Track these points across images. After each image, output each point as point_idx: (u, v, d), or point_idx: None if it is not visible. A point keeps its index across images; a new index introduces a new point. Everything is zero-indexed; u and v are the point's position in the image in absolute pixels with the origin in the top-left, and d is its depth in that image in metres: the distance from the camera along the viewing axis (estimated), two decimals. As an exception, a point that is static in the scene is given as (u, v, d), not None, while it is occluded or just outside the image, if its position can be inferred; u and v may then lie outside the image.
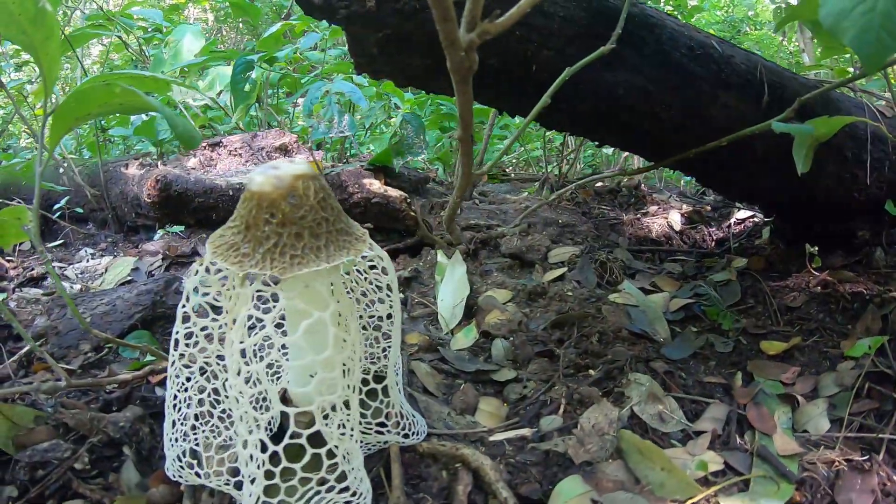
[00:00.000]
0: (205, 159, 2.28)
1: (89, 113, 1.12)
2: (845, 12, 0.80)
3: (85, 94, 1.08)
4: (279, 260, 0.82)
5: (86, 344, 1.66)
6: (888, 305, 1.26)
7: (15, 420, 1.19)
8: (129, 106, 1.13)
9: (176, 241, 2.20)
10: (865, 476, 0.93)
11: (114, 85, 1.06)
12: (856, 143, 1.37)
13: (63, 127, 1.14)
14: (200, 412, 1.04)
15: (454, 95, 1.63)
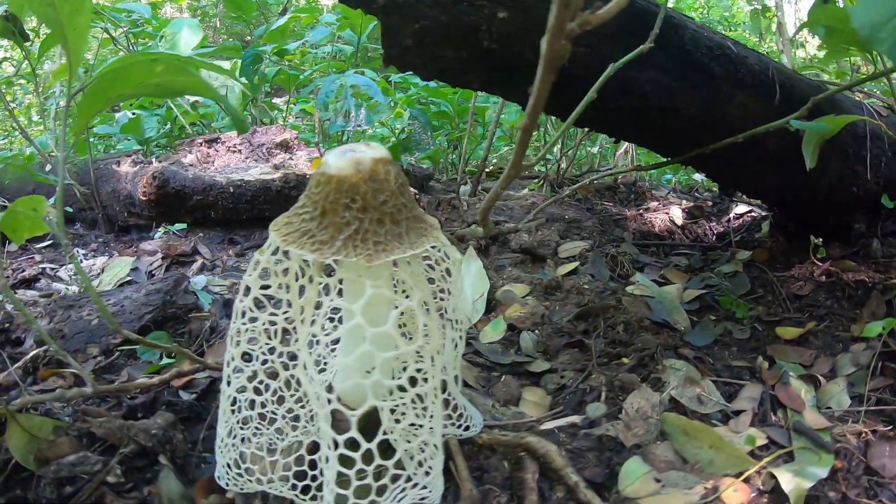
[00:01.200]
0: (202, 156, 2.29)
1: (122, 93, 1.09)
2: (880, 24, 0.93)
3: (122, 71, 1.03)
4: (362, 247, 0.81)
5: (94, 347, 1.66)
6: (890, 291, 1.43)
7: (33, 432, 1.14)
8: (167, 87, 1.10)
9: (174, 239, 2.21)
10: (893, 443, 1.07)
11: (156, 61, 1.02)
12: (856, 140, 1.54)
13: (93, 108, 1.10)
14: (261, 414, 1.01)
15: (479, 89, 1.71)
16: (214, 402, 1.39)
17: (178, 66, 1.03)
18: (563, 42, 0.89)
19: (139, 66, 1.02)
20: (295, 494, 0.97)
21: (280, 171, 2.24)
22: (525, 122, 1.14)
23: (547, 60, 0.93)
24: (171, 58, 1.04)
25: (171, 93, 1.15)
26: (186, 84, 1.10)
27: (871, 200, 1.60)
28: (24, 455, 1.08)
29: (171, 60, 1.02)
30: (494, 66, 1.49)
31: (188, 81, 1.09)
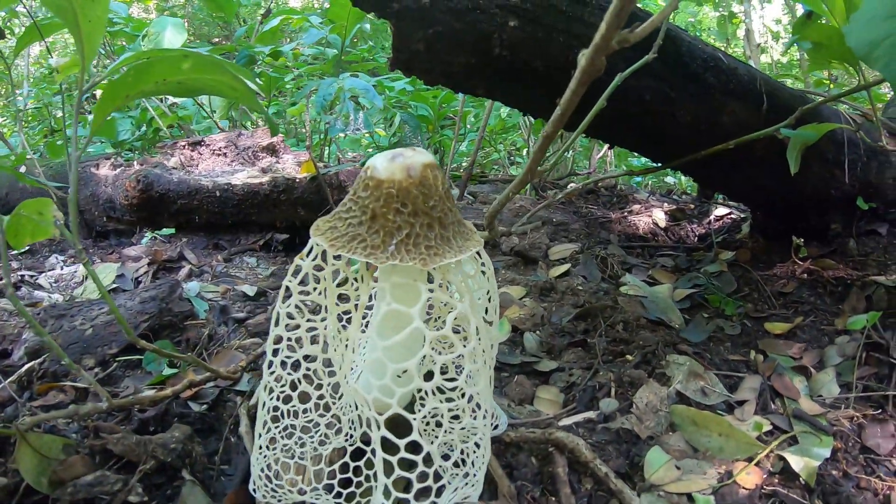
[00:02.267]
0: (185, 159, 2.28)
1: (143, 90, 1.08)
2: (875, 43, 1.06)
3: (146, 67, 1.02)
4: (415, 251, 0.85)
5: (89, 358, 1.64)
6: (869, 287, 1.58)
7: (43, 452, 1.12)
8: (190, 85, 1.09)
9: (159, 245, 2.20)
10: (883, 425, 1.20)
11: (186, 58, 1.01)
12: (835, 146, 1.70)
13: (111, 105, 1.08)
14: (304, 423, 1.05)
15: (483, 95, 1.79)
16: (225, 412, 1.42)
17: (208, 63, 1.03)
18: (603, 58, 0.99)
19: (166, 62, 1.01)
20: (338, 503, 0.99)
21: (268, 174, 2.26)
22: (548, 130, 1.23)
23: (584, 73, 1.02)
24: (202, 56, 1.03)
25: (193, 91, 1.12)
26: (214, 83, 1.09)
27: (847, 202, 1.76)
28: (35, 477, 1.06)
29: (201, 57, 1.02)
30: (501, 73, 1.57)
31: (216, 80, 1.08)
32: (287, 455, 1.02)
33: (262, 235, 2.39)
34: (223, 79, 1.08)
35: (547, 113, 1.82)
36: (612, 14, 0.83)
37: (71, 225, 1.13)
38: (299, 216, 2.34)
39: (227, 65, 1.04)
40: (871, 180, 1.75)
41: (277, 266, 2.28)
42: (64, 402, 1.44)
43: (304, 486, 1.00)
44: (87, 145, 1.18)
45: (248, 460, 1.23)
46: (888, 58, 1.03)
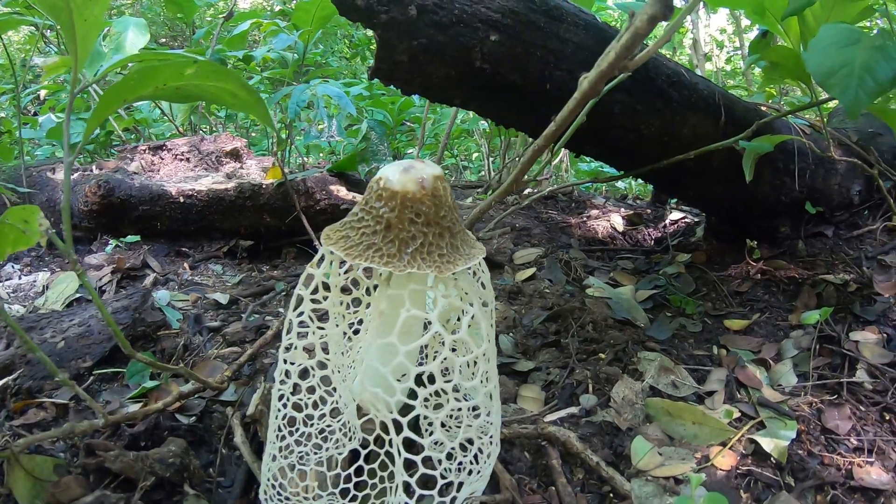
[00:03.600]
0: (146, 164, 2.24)
1: (141, 95, 1.07)
2: (832, 72, 1.20)
3: (150, 71, 1.02)
4: (429, 259, 0.90)
5: (63, 373, 1.61)
6: (819, 286, 1.75)
7: (35, 473, 1.10)
8: (189, 91, 1.08)
9: (121, 253, 2.16)
10: (840, 408, 1.35)
11: (190, 64, 1.01)
12: (785, 155, 1.87)
13: (109, 108, 1.08)
14: (322, 427, 1.07)
15: (459, 105, 1.86)
16: (213, 423, 1.43)
17: (212, 70, 1.04)
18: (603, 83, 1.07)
19: (171, 68, 1.01)
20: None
21: (233, 180, 2.26)
22: (540, 143, 1.32)
23: (584, 95, 1.11)
24: (208, 63, 1.04)
25: (191, 98, 1.11)
26: (215, 91, 1.09)
27: (796, 207, 1.94)
28: (30, 501, 1.05)
29: (207, 64, 1.03)
30: (479, 85, 1.65)
31: (218, 88, 1.08)
32: (303, 462, 1.05)
33: (225, 242, 2.38)
34: (227, 86, 1.10)
35: (518, 123, 1.93)
36: (623, 47, 0.92)
37: (64, 233, 1.12)
38: (265, 223, 2.34)
39: (233, 74, 1.07)
40: (818, 186, 1.94)
41: (245, 274, 2.28)
42: (46, 419, 1.41)
43: (319, 491, 1.04)
44: (79, 149, 1.17)
45: (246, 471, 1.25)
46: (843, 85, 1.18)
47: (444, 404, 0.94)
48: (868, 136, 1.97)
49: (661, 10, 0.84)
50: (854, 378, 1.42)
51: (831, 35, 1.28)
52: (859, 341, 1.52)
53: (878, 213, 1.97)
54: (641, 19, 0.87)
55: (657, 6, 0.83)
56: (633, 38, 0.90)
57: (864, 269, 1.74)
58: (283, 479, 1.05)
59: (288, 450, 1.06)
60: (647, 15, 0.86)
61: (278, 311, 2.04)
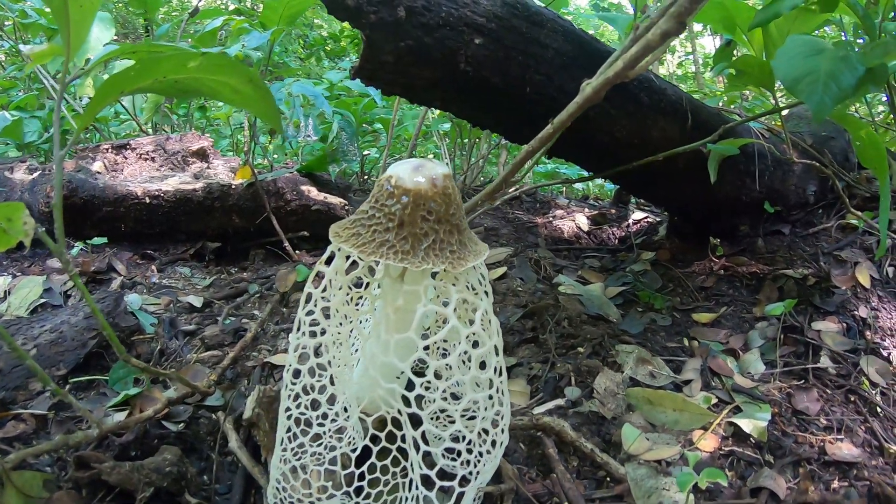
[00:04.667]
0: (109, 163, 2.18)
1: (140, 87, 1.05)
2: (800, 79, 1.32)
3: (154, 62, 1.00)
4: (441, 255, 0.94)
5: (36, 382, 1.56)
6: (780, 280, 1.89)
7: (25, 490, 1.08)
8: (185, 85, 1.06)
9: (85, 256, 2.09)
10: (808, 392, 1.47)
11: (195, 56, 0.99)
12: (746, 158, 2.00)
13: (105, 100, 1.05)
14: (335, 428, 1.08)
15: (439, 107, 1.91)
16: (201, 429, 1.41)
17: (217, 64, 1.01)
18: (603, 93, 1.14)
19: (175, 59, 0.99)
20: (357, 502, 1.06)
21: (201, 180, 2.23)
22: (534, 145, 1.38)
23: (586, 100, 1.18)
24: (216, 56, 1.02)
25: (187, 93, 1.10)
26: (215, 85, 1.07)
27: (755, 206, 2.08)
28: None
29: (214, 58, 1.01)
30: (461, 88, 1.70)
31: (219, 82, 1.06)
32: (318, 462, 1.06)
33: (192, 244, 2.35)
34: (230, 81, 1.07)
35: (495, 125, 1.99)
36: (632, 58, 0.99)
37: (57, 233, 1.09)
38: (233, 224, 2.32)
39: (241, 68, 1.06)
40: (777, 187, 2.08)
41: (214, 276, 2.25)
42: (26, 432, 1.37)
43: (333, 490, 1.05)
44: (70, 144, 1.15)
45: (244, 476, 1.25)
46: (810, 91, 1.29)
47: (462, 395, 0.98)
48: (821, 139, 2.14)
49: (675, 27, 0.91)
50: (819, 364, 1.55)
51: (796, 46, 1.40)
52: (821, 330, 1.65)
53: (832, 212, 2.14)
54: (655, 34, 0.95)
55: (671, 23, 0.91)
56: (643, 50, 0.98)
57: (821, 264, 1.89)
58: (295, 481, 1.06)
59: (301, 449, 1.08)
60: (661, 30, 0.93)
61: (253, 314, 2.03)
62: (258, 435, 1.30)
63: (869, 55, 1.27)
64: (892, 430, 1.33)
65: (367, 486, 1.07)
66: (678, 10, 0.89)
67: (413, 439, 0.96)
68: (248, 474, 1.25)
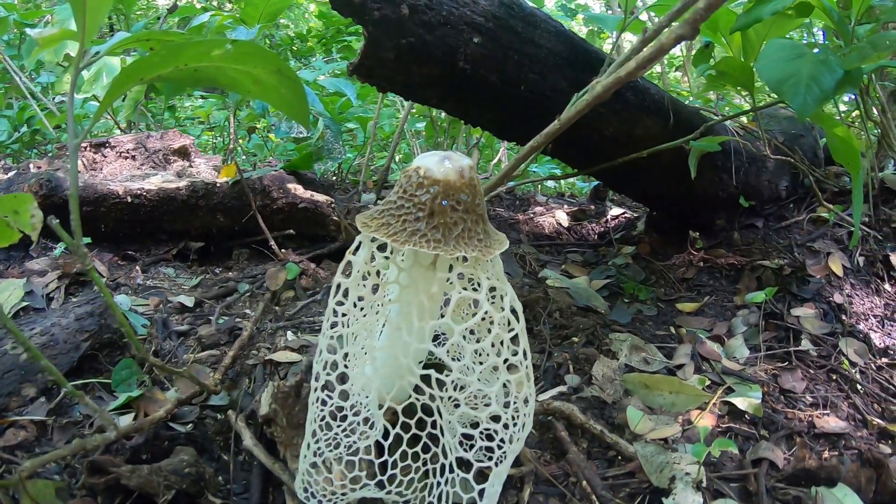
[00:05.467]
0: (88, 162, 2.15)
1: (159, 74, 1.03)
2: (783, 81, 1.44)
3: (180, 48, 0.98)
4: (470, 244, 0.99)
5: (30, 387, 1.53)
6: (757, 270, 2.02)
7: (39, 500, 1.07)
8: (205, 74, 1.04)
9: (66, 258, 2.06)
10: (793, 372, 1.59)
11: (219, 43, 0.98)
12: (724, 155, 2.13)
13: (123, 87, 1.03)
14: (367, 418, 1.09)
15: (434, 105, 1.97)
16: (209, 429, 1.42)
17: (243, 53, 0.99)
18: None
19: (199, 46, 0.98)
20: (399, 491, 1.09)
21: (184, 179, 2.23)
22: (539, 141, 1.46)
23: (595, 97, 1.26)
24: (246, 44, 1.00)
25: (205, 82, 1.08)
26: (236, 76, 1.06)
27: (731, 201, 2.22)
28: None
29: (243, 46, 0.99)
30: (458, 85, 1.76)
31: (241, 73, 1.05)
32: (351, 452, 1.08)
33: (174, 244, 2.34)
34: (254, 70, 1.05)
35: (489, 123, 2.06)
36: (645, 59, 1.08)
37: (73, 224, 1.04)
38: (218, 223, 2.32)
39: (271, 56, 1.04)
40: (751, 182, 2.22)
41: (200, 276, 2.25)
42: (28, 440, 1.34)
43: (367, 480, 1.08)
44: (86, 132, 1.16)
45: (261, 474, 1.25)
46: (793, 92, 1.41)
47: (497, 379, 1.05)
48: (792, 137, 2.29)
49: (689, 32, 1.00)
50: (800, 347, 1.68)
51: (777, 50, 1.52)
52: (800, 316, 1.78)
53: (803, 206, 2.29)
54: (669, 37, 1.03)
55: (686, 29, 1.00)
56: (657, 52, 1.07)
57: (796, 255, 2.03)
58: (329, 473, 1.08)
59: (334, 441, 1.10)
60: (676, 35, 1.02)
61: (245, 313, 2.04)
62: (275, 431, 1.31)
63: (847, 59, 1.40)
64: (872, 406, 1.47)
65: (400, 474, 1.10)
66: (694, 16, 0.98)
67: (453, 423, 1.02)
68: (265, 472, 1.26)
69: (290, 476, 1.21)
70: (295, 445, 1.28)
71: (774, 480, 1.22)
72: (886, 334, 1.71)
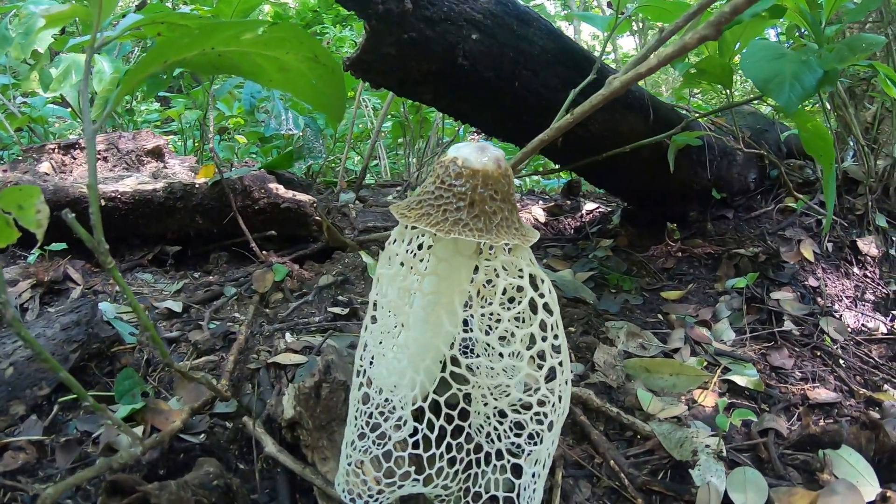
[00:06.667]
0: (57, 164, 2.08)
1: (183, 58, 0.99)
2: (769, 79, 1.57)
3: (208, 30, 0.95)
4: (509, 231, 1.03)
5: (18, 404, 1.49)
6: (734, 258, 2.18)
7: None
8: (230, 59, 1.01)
9: (39, 265, 2.00)
10: (779, 350, 1.74)
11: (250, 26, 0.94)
12: (698, 149, 2.28)
13: (148, 69, 0.99)
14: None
15: (428, 102, 2.02)
16: (220, 438, 1.42)
17: (287, 36, 0.96)
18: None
19: (232, 28, 0.95)
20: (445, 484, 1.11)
21: (161, 180, 2.20)
22: (550, 134, 1.54)
23: (612, 92, 1.35)
24: (282, 28, 0.96)
25: (224, 69, 1.04)
26: (261, 62, 1.03)
27: (704, 193, 2.37)
28: None
29: (279, 29, 0.96)
30: (454, 82, 1.82)
31: (268, 59, 1.02)
32: (401, 448, 1.09)
33: (149, 249, 2.30)
34: (285, 57, 1.02)
35: (480, 120, 2.13)
36: (667, 56, 1.17)
37: (93, 221, 1.01)
38: (196, 225, 2.30)
39: (309, 42, 0.99)
40: (723, 175, 2.39)
41: (180, 281, 2.22)
42: (29, 462, 1.29)
43: (415, 475, 1.09)
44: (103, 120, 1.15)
45: (287, 481, 1.26)
46: (778, 90, 1.55)
47: (544, 363, 1.11)
48: (757, 132, 2.48)
49: (713, 32, 1.10)
50: (783, 328, 1.83)
51: (760, 50, 1.66)
52: (780, 299, 1.94)
53: (770, 197, 2.48)
54: (693, 37, 1.13)
55: (710, 29, 1.10)
56: (679, 50, 1.17)
57: (769, 243, 2.20)
58: (377, 471, 1.09)
59: (384, 438, 1.10)
60: (699, 35, 1.11)
61: (234, 317, 2.04)
62: (301, 435, 1.29)
63: (825, 60, 1.56)
64: (855, 378, 1.63)
65: (447, 466, 1.12)
66: (718, 17, 1.08)
67: (509, 407, 1.08)
68: (291, 479, 1.26)
69: (323, 480, 1.21)
70: (321, 448, 1.28)
71: (783, 448, 1.34)
72: (860, 313, 1.89)
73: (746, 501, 1.18)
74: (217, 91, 2.17)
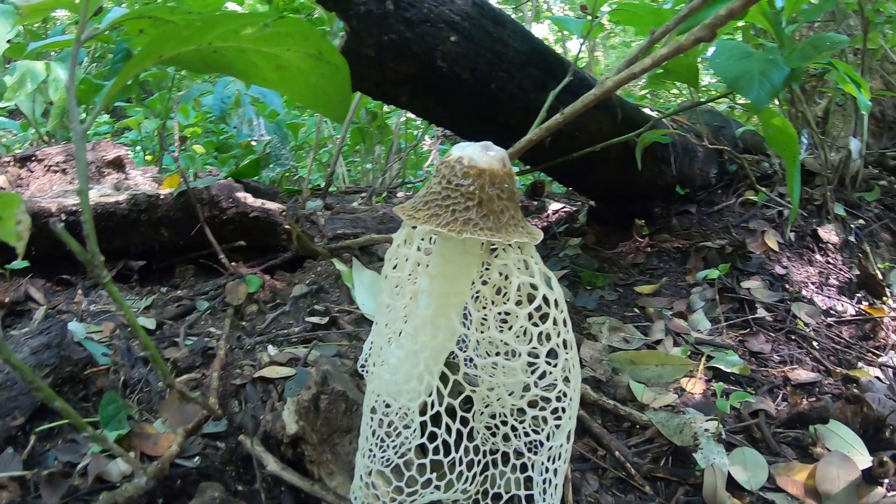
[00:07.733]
0: (13, 178, 1.97)
1: (179, 53, 0.96)
2: (738, 77, 1.65)
3: (209, 23, 0.91)
4: (516, 230, 1.04)
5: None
6: (702, 251, 2.27)
7: None
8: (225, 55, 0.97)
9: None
10: (756, 336, 1.82)
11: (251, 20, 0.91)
12: (662, 147, 2.37)
13: (142, 64, 0.96)
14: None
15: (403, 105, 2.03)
16: (214, 460, 1.38)
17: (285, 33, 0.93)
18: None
19: (230, 22, 0.92)
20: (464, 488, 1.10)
21: (123, 192, 2.13)
22: (539, 134, 1.57)
23: (605, 91, 1.39)
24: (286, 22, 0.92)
25: (215, 67, 1.00)
26: (257, 59, 0.99)
27: (668, 190, 2.46)
28: None
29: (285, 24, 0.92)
30: (431, 84, 1.84)
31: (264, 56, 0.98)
32: (422, 455, 1.07)
33: (112, 265, 2.21)
34: (285, 54, 0.99)
35: (452, 121, 2.15)
36: (662, 57, 1.22)
37: (87, 230, 0.95)
38: (161, 238, 2.22)
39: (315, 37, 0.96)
40: (685, 171, 2.48)
41: (149, 297, 2.15)
42: (14, 501, 1.22)
43: (438, 481, 1.07)
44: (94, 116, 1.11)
45: (295, 499, 1.22)
46: (748, 87, 1.63)
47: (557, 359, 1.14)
48: (715, 129, 2.59)
49: (708, 35, 1.16)
50: (756, 315, 1.92)
51: (728, 50, 1.74)
52: (751, 288, 2.04)
53: (730, 191, 2.59)
54: (688, 39, 1.18)
55: (705, 31, 1.15)
56: (674, 51, 1.22)
57: (734, 235, 2.30)
58: (399, 481, 1.08)
59: (403, 446, 1.09)
60: (695, 37, 1.17)
61: (209, 331, 1.98)
62: (306, 450, 1.26)
63: (791, 58, 1.65)
64: (829, 358, 1.72)
65: (466, 470, 1.12)
66: (714, 20, 1.13)
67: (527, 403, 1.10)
68: (297, 497, 1.23)
69: (335, 496, 1.19)
70: (326, 462, 1.26)
71: (774, 427, 1.41)
72: (826, 297, 2.01)
73: (749, 479, 1.23)
74: (183, 97, 2.11)
